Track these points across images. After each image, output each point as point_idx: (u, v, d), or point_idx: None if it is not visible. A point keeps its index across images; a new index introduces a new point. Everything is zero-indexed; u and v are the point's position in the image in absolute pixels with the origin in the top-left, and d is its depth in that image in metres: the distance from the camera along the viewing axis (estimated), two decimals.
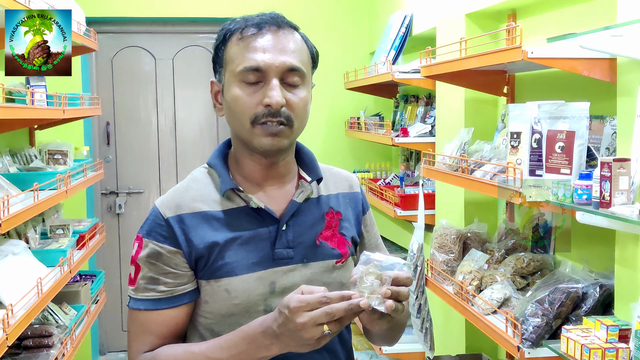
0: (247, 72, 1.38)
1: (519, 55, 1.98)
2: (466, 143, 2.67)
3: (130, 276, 1.44)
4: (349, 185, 1.62)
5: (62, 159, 3.64)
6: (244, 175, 1.49)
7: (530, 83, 2.71)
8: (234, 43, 1.42)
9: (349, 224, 1.57)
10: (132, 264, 1.44)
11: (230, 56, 1.42)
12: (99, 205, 5.18)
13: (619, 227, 1.75)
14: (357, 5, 5.12)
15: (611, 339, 1.74)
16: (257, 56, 1.38)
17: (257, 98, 1.38)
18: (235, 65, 1.40)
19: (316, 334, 1.22)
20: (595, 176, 1.70)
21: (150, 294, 1.41)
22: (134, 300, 1.43)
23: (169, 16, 5.04)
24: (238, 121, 1.41)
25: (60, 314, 3.42)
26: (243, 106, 1.39)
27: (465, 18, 2.97)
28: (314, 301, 1.22)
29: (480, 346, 3.04)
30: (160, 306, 1.41)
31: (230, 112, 1.42)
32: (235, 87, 1.40)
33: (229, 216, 1.44)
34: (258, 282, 1.41)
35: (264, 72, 1.38)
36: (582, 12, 2.35)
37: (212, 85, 1.49)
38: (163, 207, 1.45)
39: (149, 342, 1.43)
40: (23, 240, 3.22)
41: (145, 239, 1.43)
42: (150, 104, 5.21)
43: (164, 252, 1.41)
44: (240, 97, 1.39)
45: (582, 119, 1.93)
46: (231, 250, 1.41)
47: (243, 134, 1.42)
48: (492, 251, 2.64)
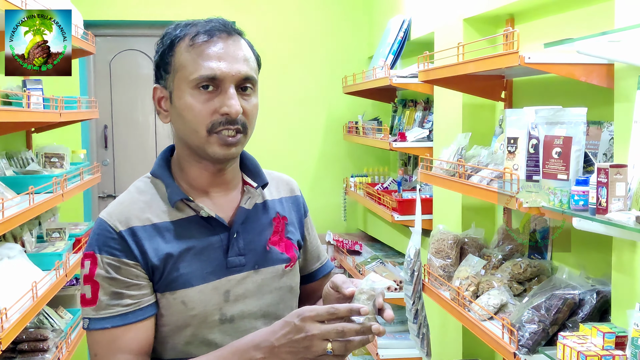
0: (201, 80, 1.36)
1: (516, 61, 1.98)
2: (463, 148, 2.66)
3: (85, 297, 1.36)
4: (290, 189, 1.64)
5: (59, 162, 3.63)
6: (189, 183, 1.46)
7: (527, 88, 2.71)
8: (184, 50, 1.39)
9: (294, 227, 1.59)
10: (88, 282, 1.36)
11: (180, 63, 1.39)
12: (96, 209, 5.17)
13: (615, 234, 1.74)
14: (355, 10, 5.12)
15: (608, 346, 1.73)
16: (213, 64, 1.36)
17: (212, 106, 1.37)
18: (189, 72, 1.37)
19: (320, 349, 1.22)
20: (592, 182, 1.69)
21: (115, 309, 1.35)
22: (96, 320, 1.35)
23: (167, 19, 5.03)
24: (190, 129, 1.39)
25: (56, 318, 3.41)
26: (199, 114, 1.37)
27: (463, 23, 2.96)
28: (323, 312, 1.23)
29: (477, 352, 3.03)
30: (128, 320, 1.35)
31: (182, 119, 1.39)
32: (188, 95, 1.37)
33: (179, 227, 1.41)
34: (213, 291, 1.41)
35: (220, 81, 1.37)
36: (580, 17, 2.35)
37: (155, 91, 1.45)
38: (113, 221, 1.38)
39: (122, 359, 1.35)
40: (19, 243, 3.21)
41: (99, 254, 1.36)
42: (148, 107, 5.21)
43: (122, 265, 1.36)
44: (194, 105, 1.37)
45: (580, 125, 1.92)
46: (185, 261, 1.39)
47: (195, 142, 1.39)
48: (489, 257, 2.63)
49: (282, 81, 5.05)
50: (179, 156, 1.48)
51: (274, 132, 5.04)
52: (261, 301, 1.46)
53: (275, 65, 5.02)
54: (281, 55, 5.02)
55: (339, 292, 1.36)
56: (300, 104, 5.06)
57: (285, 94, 5.07)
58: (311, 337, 1.22)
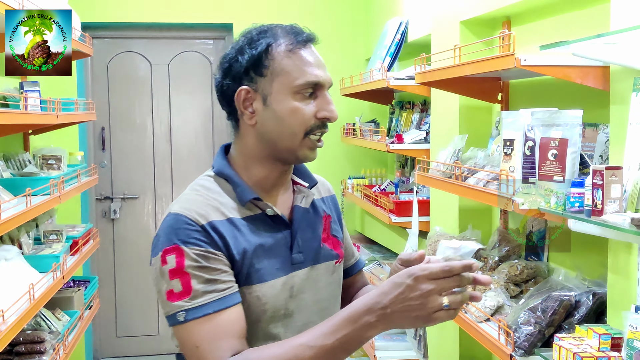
0: (307, 86, 1.43)
1: (512, 63, 1.98)
2: (460, 150, 2.67)
3: (172, 292, 1.34)
4: (327, 189, 1.72)
5: (56, 164, 3.63)
6: (255, 182, 1.51)
7: (524, 90, 2.71)
8: (284, 55, 1.44)
9: (336, 225, 1.67)
10: (176, 276, 1.34)
11: (282, 68, 1.43)
12: (94, 211, 5.17)
13: (611, 236, 1.75)
14: (353, 12, 5.12)
15: (603, 348, 1.73)
16: (315, 71, 1.44)
17: (311, 110, 1.44)
18: (293, 78, 1.43)
19: (436, 304, 1.20)
20: (587, 184, 1.69)
21: (212, 294, 1.34)
22: (194, 309, 1.33)
23: (164, 21, 5.04)
24: (288, 131, 1.44)
25: (53, 320, 3.41)
26: (301, 118, 1.43)
27: (460, 25, 2.97)
28: (437, 270, 1.21)
29: (473, 354, 3.03)
30: (227, 303, 1.35)
31: (279, 122, 1.44)
32: (291, 99, 1.43)
33: (250, 223, 1.46)
34: (282, 287, 1.46)
35: (319, 87, 1.45)
36: (576, 20, 2.35)
37: (240, 93, 1.46)
38: (192, 215, 1.39)
39: (229, 346, 1.32)
40: (16, 245, 3.21)
41: (185, 247, 1.35)
42: (145, 110, 5.21)
43: (210, 254, 1.37)
44: (299, 109, 1.43)
45: (575, 127, 1.93)
46: (258, 257, 1.44)
47: (287, 144, 1.45)
48: (485, 258, 2.63)
49: None
50: (246, 156, 1.51)
51: None
52: (317, 296, 1.53)
53: None
54: None
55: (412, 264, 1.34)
56: None
57: None
58: (427, 294, 1.20)
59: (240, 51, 1.47)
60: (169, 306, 1.35)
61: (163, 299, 1.36)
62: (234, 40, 1.53)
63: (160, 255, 1.37)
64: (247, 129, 1.48)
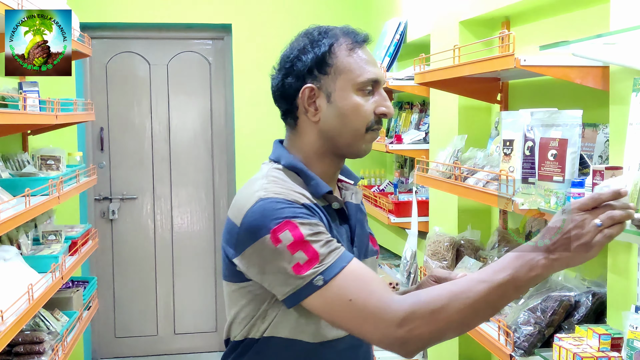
0: (367, 83, 1.50)
1: (512, 63, 1.98)
2: (459, 150, 2.67)
3: (299, 264, 1.34)
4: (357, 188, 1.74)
5: (55, 164, 3.62)
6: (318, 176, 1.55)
7: (523, 90, 2.71)
8: (345, 54, 1.50)
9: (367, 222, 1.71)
10: (298, 247, 1.34)
11: (344, 66, 1.50)
12: (93, 211, 5.16)
13: None
14: (352, 12, 5.12)
15: (603, 348, 1.73)
16: (373, 69, 1.51)
17: (371, 107, 1.51)
18: (355, 75, 1.49)
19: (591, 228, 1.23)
20: (587, 184, 1.69)
21: (337, 252, 1.36)
22: (329, 269, 1.33)
23: (163, 22, 5.04)
24: (351, 127, 1.50)
25: (52, 320, 3.40)
26: (364, 113, 1.50)
27: (459, 25, 2.97)
28: (587, 200, 1.26)
29: (473, 354, 3.03)
30: (351, 256, 1.38)
31: (343, 117, 1.50)
32: (354, 95, 1.49)
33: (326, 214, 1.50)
34: None
35: (377, 84, 1.52)
36: (575, 20, 2.35)
37: (305, 91, 1.51)
38: (290, 196, 1.41)
39: (384, 287, 1.34)
40: (15, 246, 3.21)
41: (296, 220, 1.37)
42: (144, 110, 5.20)
43: (317, 223, 1.39)
44: (361, 105, 1.49)
45: (575, 127, 1.93)
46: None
47: (349, 139, 1.51)
48: (485, 258, 2.63)
49: None
50: (305, 153, 1.55)
51: (271, 135, 5.02)
52: None
53: (271, 66, 5.02)
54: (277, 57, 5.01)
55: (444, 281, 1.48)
56: None
57: None
58: (581, 223, 1.24)
59: (303, 51, 1.53)
60: (298, 279, 1.34)
61: (288, 276, 1.34)
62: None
63: (270, 238, 1.36)
64: (308, 125, 1.53)
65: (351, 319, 1.32)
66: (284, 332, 1.45)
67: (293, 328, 1.45)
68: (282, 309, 1.43)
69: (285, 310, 1.42)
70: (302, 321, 1.44)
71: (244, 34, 5.01)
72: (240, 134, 5.07)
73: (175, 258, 5.29)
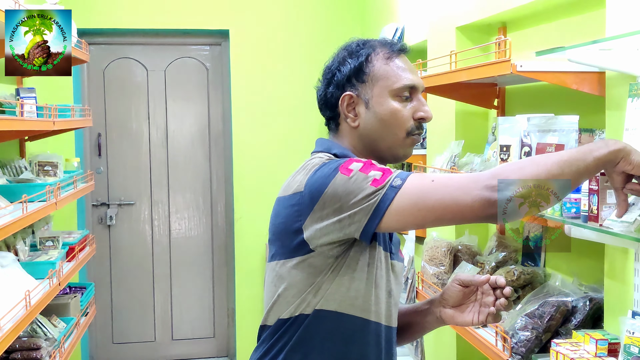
0: (404, 89, 1.56)
1: (509, 69, 1.99)
2: (456, 155, 2.67)
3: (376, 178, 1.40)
4: None
5: (52, 170, 3.62)
6: None
7: (520, 96, 2.72)
8: (382, 62, 1.58)
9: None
10: (370, 167, 1.42)
11: (381, 74, 1.58)
12: (90, 217, 5.16)
13: (607, 241, 1.75)
14: (349, 18, 5.13)
15: (600, 353, 1.73)
16: (410, 76, 1.58)
17: (409, 112, 1.57)
18: (392, 82, 1.57)
19: None
20: (583, 190, 1.70)
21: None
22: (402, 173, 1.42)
23: (161, 28, 5.05)
24: (390, 132, 1.57)
25: (49, 327, 3.40)
26: (402, 118, 1.56)
27: (456, 31, 2.98)
28: None
29: (470, 359, 3.03)
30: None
31: (382, 123, 1.56)
32: (392, 101, 1.57)
33: None
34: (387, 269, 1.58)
35: (414, 90, 1.58)
36: (571, 25, 2.36)
37: (344, 98, 1.59)
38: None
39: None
40: (12, 252, 3.20)
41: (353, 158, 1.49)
42: (142, 116, 5.21)
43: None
44: (399, 111, 1.56)
45: (572, 132, 1.93)
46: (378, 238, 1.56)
47: (388, 143, 1.58)
48: (482, 264, 2.63)
49: (275, 89, 5.06)
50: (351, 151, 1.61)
51: (269, 138, 5.05)
52: (398, 289, 1.65)
53: (268, 72, 5.03)
54: (275, 62, 5.03)
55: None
56: (294, 112, 5.07)
57: (279, 102, 5.08)
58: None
59: (342, 62, 1.61)
60: (379, 190, 1.39)
61: (368, 194, 1.39)
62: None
63: (341, 173, 1.42)
64: (349, 131, 1.61)
65: (441, 197, 1.35)
66: (334, 304, 1.50)
67: (343, 301, 1.50)
68: (335, 281, 1.49)
69: (338, 282, 1.49)
70: (352, 295, 1.50)
71: (241, 40, 5.01)
72: (238, 140, 5.07)
73: (172, 264, 5.29)
